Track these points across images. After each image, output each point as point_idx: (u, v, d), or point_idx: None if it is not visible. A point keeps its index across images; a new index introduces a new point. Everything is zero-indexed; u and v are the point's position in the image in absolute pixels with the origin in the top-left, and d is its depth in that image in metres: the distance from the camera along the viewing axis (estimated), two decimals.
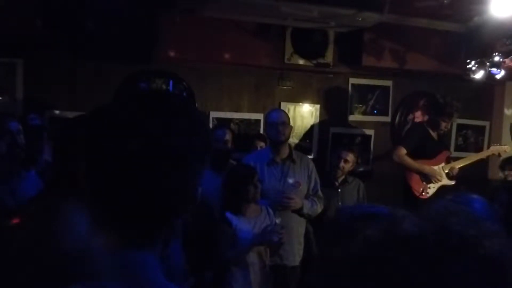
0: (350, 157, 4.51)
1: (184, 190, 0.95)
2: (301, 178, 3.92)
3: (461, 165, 4.87)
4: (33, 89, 4.61)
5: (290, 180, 3.86)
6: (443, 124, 4.78)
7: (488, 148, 5.38)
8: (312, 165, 4.08)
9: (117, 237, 0.90)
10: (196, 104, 5.02)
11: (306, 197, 3.93)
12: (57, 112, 4.55)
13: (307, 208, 3.84)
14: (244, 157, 4.09)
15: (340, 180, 4.53)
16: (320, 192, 4.02)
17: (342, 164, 4.48)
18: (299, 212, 3.82)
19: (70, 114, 4.39)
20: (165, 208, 0.93)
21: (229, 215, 3.28)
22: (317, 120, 5.57)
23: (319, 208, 3.95)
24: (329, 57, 5.17)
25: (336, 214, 1.53)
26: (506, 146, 5.01)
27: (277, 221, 3.48)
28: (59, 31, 4.11)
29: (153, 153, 0.88)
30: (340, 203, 4.35)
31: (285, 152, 3.96)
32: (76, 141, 0.92)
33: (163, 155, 0.89)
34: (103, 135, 0.91)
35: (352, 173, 4.66)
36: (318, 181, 4.05)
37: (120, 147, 0.88)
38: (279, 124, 3.87)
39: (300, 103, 5.52)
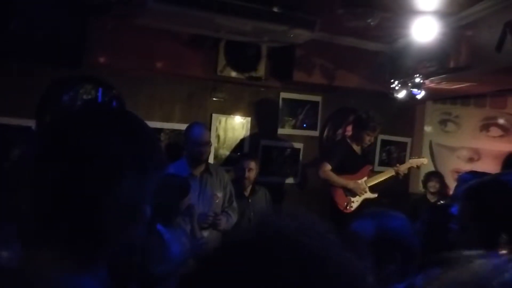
0: (253, 164, 4.60)
1: (126, 206, 0.88)
2: (218, 191, 3.98)
3: (384, 178, 5.08)
4: None
5: (208, 194, 3.87)
6: (367, 138, 4.94)
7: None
8: (227, 177, 4.15)
9: (53, 259, 0.84)
10: None
11: (222, 209, 3.96)
12: None
13: (223, 224, 3.86)
14: None
15: (248, 189, 4.60)
16: (235, 204, 4.08)
17: (247, 173, 4.54)
18: (214, 228, 3.84)
19: None
20: (103, 227, 0.86)
21: (160, 228, 3.00)
22: (248, 133, 5.61)
23: (234, 220, 4.01)
24: (261, 71, 5.25)
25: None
26: (424, 159, 5.27)
27: (205, 234, 3.46)
28: None
29: (84, 170, 0.84)
30: (252, 213, 4.39)
31: (202, 165, 3.97)
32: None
33: (94, 169, 0.85)
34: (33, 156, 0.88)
35: (257, 181, 4.73)
36: (233, 192, 4.11)
37: (51, 166, 0.85)
38: (203, 145, 3.89)
39: (232, 115, 5.54)
